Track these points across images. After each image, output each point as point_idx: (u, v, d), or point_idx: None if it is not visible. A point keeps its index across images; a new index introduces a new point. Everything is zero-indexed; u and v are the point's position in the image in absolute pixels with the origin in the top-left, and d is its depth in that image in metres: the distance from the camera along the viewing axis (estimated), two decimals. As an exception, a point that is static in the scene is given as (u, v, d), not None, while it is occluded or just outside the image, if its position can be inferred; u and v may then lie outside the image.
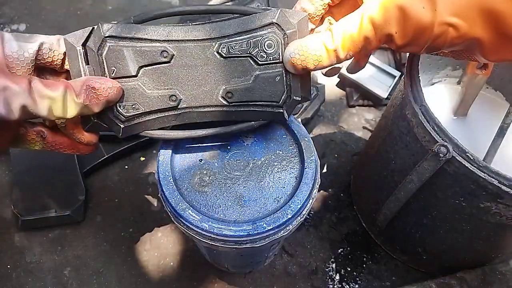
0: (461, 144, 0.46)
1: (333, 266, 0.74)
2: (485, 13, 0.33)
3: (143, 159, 0.84)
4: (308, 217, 0.78)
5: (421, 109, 0.50)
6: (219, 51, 0.41)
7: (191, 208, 0.43)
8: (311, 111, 0.86)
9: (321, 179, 0.48)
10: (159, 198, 0.67)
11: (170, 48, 0.40)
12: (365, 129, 0.91)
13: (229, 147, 0.49)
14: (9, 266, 0.71)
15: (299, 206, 0.43)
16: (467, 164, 0.46)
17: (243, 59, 0.41)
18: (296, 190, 0.45)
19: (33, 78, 0.34)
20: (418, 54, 0.52)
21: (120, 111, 0.41)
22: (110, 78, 0.39)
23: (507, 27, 0.33)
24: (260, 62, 0.41)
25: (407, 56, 0.55)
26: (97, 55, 0.39)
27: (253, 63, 0.41)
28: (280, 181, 0.46)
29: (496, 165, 0.47)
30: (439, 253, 0.66)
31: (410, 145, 0.54)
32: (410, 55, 0.54)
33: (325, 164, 0.86)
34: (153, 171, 0.83)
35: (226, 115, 0.43)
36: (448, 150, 0.47)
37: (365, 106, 0.95)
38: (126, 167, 0.83)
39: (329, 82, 0.98)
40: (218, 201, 0.45)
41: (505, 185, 0.45)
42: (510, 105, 0.59)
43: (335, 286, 0.72)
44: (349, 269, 0.74)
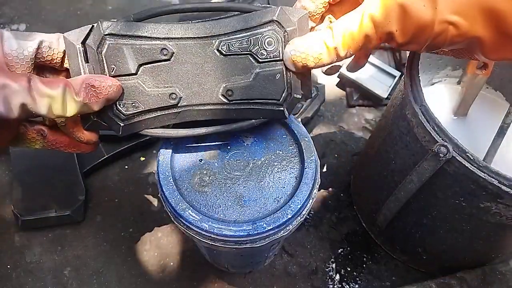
0: (461, 144, 0.46)
1: (333, 266, 0.74)
2: (486, 11, 0.33)
3: (143, 159, 0.84)
4: (308, 217, 0.78)
5: (421, 109, 0.50)
6: (219, 48, 0.40)
7: (191, 208, 0.43)
8: (311, 111, 0.86)
9: (321, 179, 0.48)
10: (159, 198, 0.67)
11: (170, 45, 0.40)
12: (365, 129, 0.91)
13: (229, 147, 0.49)
14: (9, 266, 0.71)
15: (299, 206, 0.43)
16: (467, 164, 0.46)
17: (243, 56, 0.41)
18: (296, 190, 0.45)
19: (33, 76, 0.34)
20: (418, 53, 0.52)
21: (120, 109, 0.41)
22: (110, 76, 0.39)
23: (507, 26, 0.33)
24: (260, 60, 0.41)
25: (407, 56, 0.55)
26: (97, 53, 0.39)
27: (253, 61, 0.41)
28: (280, 181, 0.46)
29: (496, 165, 0.47)
30: (439, 253, 0.66)
31: (410, 145, 0.54)
32: (410, 55, 0.54)
33: (325, 164, 0.86)
34: (153, 171, 0.83)
35: (226, 113, 0.43)
36: (448, 150, 0.47)
37: (365, 106, 0.95)
38: (126, 167, 0.83)
39: (329, 82, 0.98)
40: (218, 201, 0.45)
41: (505, 185, 0.45)
42: (510, 105, 0.59)
43: (335, 286, 0.72)
44: (349, 269, 0.74)
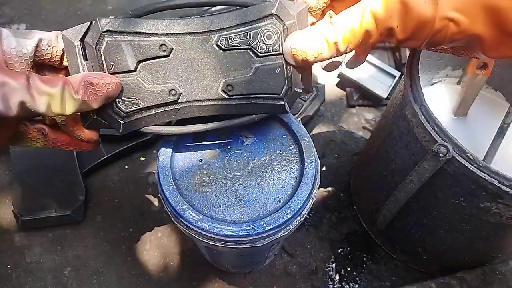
0: (461, 144, 0.46)
1: (333, 266, 0.74)
2: (487, 9, 0.33)
3: (143, 159, 0.84)
4: (308, 217, 0.78)
5: (421, 109, 0.50)
6: (218, 43, 0.40)
7: (191, 208, 0.43)
8: (311, 111, 0.86)
9: (321, 179, 0.48)
10: (159, 198, 0.67)
11: (169, 41, 0.40)
12: (365, 129, 0.91)
13: (229, 147, 0.48)
14: (9, 266, 0.71)
15: (299, 206, 0.43)
16: (467, 164, 0.46)
17: (242, 51, 0.40)
18: (296, 190, 0.44)
19: (32, 74, 0.34)
20: (418, 49, 0.52)
21: (120, 107, 0.40)
22: (109, 74, 0.39)
23: (508, 24, 0.33)
24: (260, 54, 0.40)
25: (407, 56, 0.55)
26: (95, 50, 0.38)
27: (253, 55, 0.41)
28: (280, 181, 0.46)
29: (496, 165, 0.47)
30: (439, 253, 0.66)
31: (410, 145, 0.54)
32: (410, 54, 0.54)
33: (325, 164, 0.86)
34: (153, 171, 0.83)
35: (227, 108, 0.43)
36: (448, 150, 0.46)
37: (365, 106, 0.95)
38: (126, 167, 0.83)
39: (329, 82, 0.98)
40: (218, 201, 0.45)
41: (505, 185, 0.45)
42: (510, 105, 0.59)
43: (335, 286, 0.72)
44: (349, 269, 0.74)
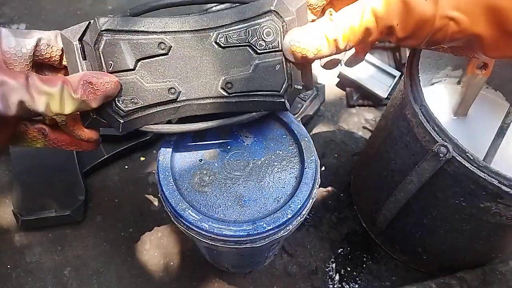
0: (461, 144, 0.46)
1: (333, 266, 0.74)
2: (488, 9, 0.33)
3: (143, 159, 0.84)
4: (308, 217, 0.78)
5: (421, 109, 0.50)
6: (217, 41, 0.40)
7: (191, 208, 0.43)
8: (311, 111, 0.86)
9: (321, 179, 0.48)
10: (159, 198, 0.67)
11: (167, 39, 0.39)
12: (365, 129, 0.91)
13: (229, 147, 0.48)
14: (9, 266, 0.71)
15: (299, 206, 0.43)
16: (467, 164, 0.46)
17: (241, 48, 0.40)
18: (296, 190, 0.44)
19: (31, 73, 0.34)
20: (418, 49, 0.52)
21: (119, 106, 0.40)
22: (108, 73, 0.39)
23: (509, 23, 0.33)
24: (259, 51, 0.40)
25: (407, 56, 0.55)
26: (94, 49, 0.38)
27: (252, 52, 0.40)
28: (280, 181, 0.46)
29: (496, 165, 0.47)
30: (439, 253, 0.66)
31: (410, 145, 0.54)
32: (410, 54, 0.54)
33: (325, 164, 0.86)
34: (153, 171, 0.83)
35: (227, 106, 0.43)
36: (448, 150, 0.46)
37: (365, 106, 0.95)
38: (126, 167, 0.83)
39: (329, 82, 0.98)
40: (218, 201, 0.45)
41: (505, 185, 0.45)
42: (510, 105, 0.59)
43: (335, 286, 0.72)
44: (349, 269, 0.74)
